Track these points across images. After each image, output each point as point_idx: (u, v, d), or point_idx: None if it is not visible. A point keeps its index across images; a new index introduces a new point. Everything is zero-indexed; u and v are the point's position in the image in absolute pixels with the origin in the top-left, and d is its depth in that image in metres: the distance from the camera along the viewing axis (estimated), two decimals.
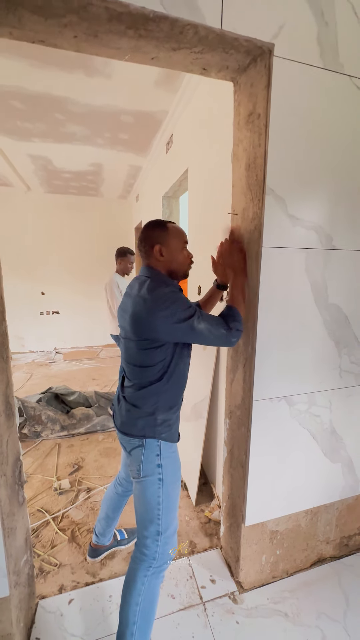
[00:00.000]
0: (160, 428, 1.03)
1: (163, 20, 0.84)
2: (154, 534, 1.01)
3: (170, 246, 1.05)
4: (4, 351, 1.04)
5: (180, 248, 1.07)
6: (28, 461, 2.29)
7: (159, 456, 1.02)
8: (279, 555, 1.38)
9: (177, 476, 1.07)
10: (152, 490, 1.01)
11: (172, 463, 1.05)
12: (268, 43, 0.92)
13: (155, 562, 1.01)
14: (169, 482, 1.03)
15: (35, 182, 4.25)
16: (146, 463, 1.02)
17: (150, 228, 1.07)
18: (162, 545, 1.02)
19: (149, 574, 1.01)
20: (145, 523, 1.03)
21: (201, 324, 0.95)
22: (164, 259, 1.05)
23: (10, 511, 1.03)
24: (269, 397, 1.17)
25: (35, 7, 0.81)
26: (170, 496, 1.03)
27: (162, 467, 1.02)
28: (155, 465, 1.02)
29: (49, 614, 1.25)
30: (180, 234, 1.08)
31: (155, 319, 0.93)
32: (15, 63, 1.79)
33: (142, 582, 1.00)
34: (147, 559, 1.01)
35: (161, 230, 1.05)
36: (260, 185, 1.03)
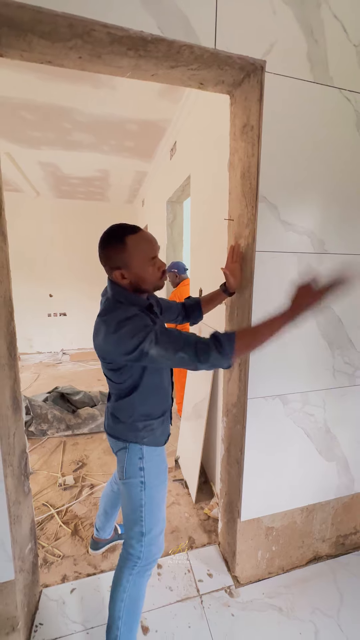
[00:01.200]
0: (143, 433, 1.03)
1: (160, 42, 0.91)
2: (138, 534, 1.03)
3: (132, 266, 0.91)
4: (12, 349, 1.11)
5: (145, 264, 0.92)
6: (34, 458, 2.36)
7: (141, 459, 1.02)
8: (274, 551, 1.42)
9: (161, 479, 1.07)
10: (135, 493, 1.02)
11: (156, 466, 1.05)
12: (260, 60, 0.98)
13: (140, 561, 1.03)
14: (151, 485, 1.03)
15: (45, 187, 4.38)
16: (129, 465, 1.03)
17: (105, 247, 0.92)
18: (146, 546, 1.03)
19: (134, 572, 1.03)
20: (130, 524, 1.04)
21: (153, 349, 0.82)
22: (130, 279, 0.93)
23: (17, 500, 1.10)
24: (263, 396, 1.21)
25: (44, 32, 0.88)
26: (153, 499, 1.03)
27: (144, 470, 1.02)
28: (137, 468, 1.02)
29: (52, 602, 1.31)
30: (144, 245, 0.91)
31: (108, 346, 0.88)
32: (25, 77, 1.89)
33: (127, 580, 1.02)
34: (132, 559, 1.03)
35: (118, 250, 0.90)
36: (254, 192, 1.08)
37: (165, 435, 1.11)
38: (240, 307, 1.22)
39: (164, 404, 1.09)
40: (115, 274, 0.93)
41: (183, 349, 0.83)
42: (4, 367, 1.03)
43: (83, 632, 1.19)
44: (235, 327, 1.27)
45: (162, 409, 1.08)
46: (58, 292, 5.31)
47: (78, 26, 0.85)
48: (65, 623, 1.22)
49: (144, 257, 0.92)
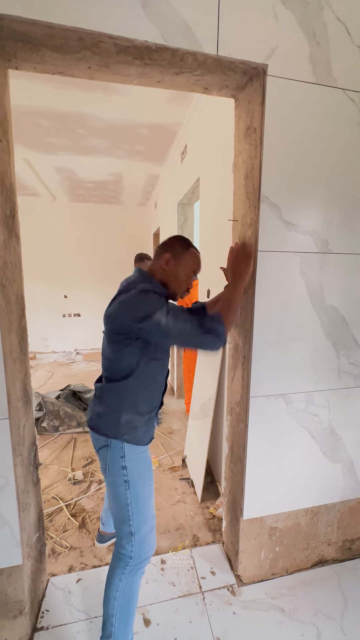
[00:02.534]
0: (123, 429, 1.02)
1: (165, 50, 0.94)
2: (127, 534, 1.03)
3: (180, 264, 1.07)
4: (23, 344, 1.17)
5: (187, 272, 1.09)
6: (46, 453, 2.44)
7: (123, 458, 1.01)
8: (278, 552, 1.41)
9: (145, 476, 1.06)
10: (120, 492, 1.02)
11: (139, 464, 1.05)
12: (262, 64, 1.00)
13: (132, 560, 1.03)
14: (135, 483, 1.02)
15: (60, 192, 4.52)
16: (112, 464, 1.02)
17: (175, 239, 1.11)
18: (137, 545, 1.03)
19: (127, 572, 1.03)
20: (118, 524, 1.05)
21: (168, 320, 0.91)
22: (167, 270, 1.07)
23: (25, 488, 1.15)
24: (266, 395, 1.22)
25: (55, 46, 0.94)
26: (139, 497, 1.03)
27: (127, 468, 1.02)
28: (120, 467, 1.01)
29: (58, 590, 1.35)
30: (196, 262, 1.11)
31: (123, 309, 0.95)
32: (42, 86, 1.98)
33: (120, 579, 1.03)
34: (124, 558, 1.03)
35: (182, 247, 1.09)
36: (257, 193, 1.10)
37: (147, 436, 1.10)
38: (243, 307, 1.24)
39: (153, 401, 1.09)
40: (165, 255, 1.07)
41: (193, 322, 0.94)
42: (15, 361, 1.08)
43: (87, 620, 1.23)
44: (239, 328, 1.29)
45: (150, 406, 1.08)
46: (73, 293, 5.45)
47: (87, 39, 0.90)
48: (70, 611, 1.27)
49: (191, 266, 1.10)
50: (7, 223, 1.04)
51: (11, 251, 1.07)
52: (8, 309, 1.03)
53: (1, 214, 1.00)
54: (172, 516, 1.80)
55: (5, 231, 1.02)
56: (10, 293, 1.05)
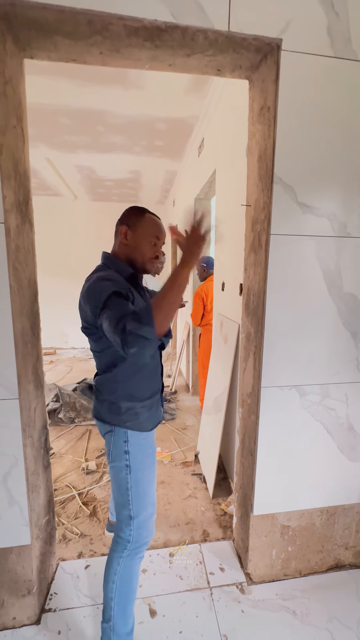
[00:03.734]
0: (125, 416, 1.01)
1: (174, 29, 0.93)
2: (126, 518, 1.03)
3: (138, 232, 1.01)
4: (35, 329, 1.19)
5: (148, 239, 1.02)
6: (62, 443, 2.49)
7: (126, 442, 1.02)
8: (290, 552, 1.35)
9: (147, 463, 1.05)
10: (121, 476, 1.02)
11: (142, 450, 1.04)
12: (276, 39, 0.96)
13: (130, 544, 1.03)
14: (137, 469, 1.02)
15: (81, 191, 4.63)
16: (115, 449, 1.02)
17: (129, 210, 1.04)
18: (135, 530, 1.03)
19: (124, 555, 1.03)
20: (119, 508, 1.05)
21: (104, 317, 0.82)
22: (128, 244, 1.02)
23: (35, 470, 1.17)
24: (278, 385, 1.17)
25: (67, 32, 0.95)
26: (140, 482, 1.03)
27: (129, 453, 1.02)
28: (122, 452, 1.02)
29: (67, 575, 1.36)
30: (155, 226, 1.03)
31: (83, 301, 0.93)
32: (62, 84, 2.03)
33: (118, 562, 1.03)
34: (122, 542, 1.04)
35: (136, 216, 1.02)
36: (270, 174, 1.06)
37: (152, 421, 1.08)
38: (256, 294, 1.20)
39: (150, 386, 1.06)
40: (121, 227, 1.02)
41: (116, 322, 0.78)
42: (27, 345, 1.11)
43: (93, 606, 1.23)
44: (252, 316, 1.25)
45: (148, 392, 1.06)
46: None
47: (97, 22, 0.91)
48: (77, 596, 1.27)
49: (150, 232, 1.03)
50: (20, 209, 1.06)
51: (24, 236, 1.09)
52: (20, 293, 1.06)
53: (15, 200, 1.02)
54: (182, 510, 1.77)
55: (18, 216, 1.04)
56: (23, 277, 1.08)
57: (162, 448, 2.39)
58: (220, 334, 2.08)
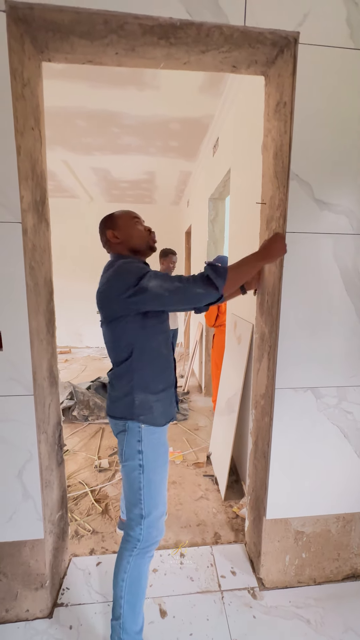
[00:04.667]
0: (139, 410, 1.02)
1: (189, 26, 0.93)
2: (137, 517, 1.04)
3: (120, 226, 1.08)
4: (51, 326, 1.21)
5: (131, 224, 1.09)
6: (75, 440, 2.52)
7: (140, 442, 1.02)
8: (304, 559, 1.31)
9: (159, 462, 1.06)
10: (133, 475, 1.03)
11: (155, 449, 1.05)
12: (293, 32, 0.94)
13: (140, 543, 1.03)
14: (150, 468, 1.03)
15: (97, 192, 4.70)
16: (128, 448, 1.03)
17: (101, 224, 1.13)
18: (145, 529, 1.03)
19: (134, 554, 1.04)
20: (130, 506, 1.05)
21: (152, 282, 0.91)
22: (121, 240, 1.08)
23: (49, 466, 1.19)
24: (293, 387, 1.15)
25: (83, 32, 0.96)
26: (152, 482, 1.03)
27: (142, 453, 1.02)
28: (136, 451, 1.02)
29: (79, 570, 1.38)
30: (126, 212, 1.11)
31: (109, 287, 0.97)
32: (78, 86, 2.06)
33: (128, 561, 1.03)
34: (132, 540, 1.04)
35: (107, 219, 1.11)
36: (286, 171, 1.03)
37: (165, 416, 1.08)
38: (270, 293, 1.17)
39: (164, 379, 1.07)
40: (107, 233, 1.09)
41: (179, 279, 0.93)
42: (42, 342, 1.13)
43: (104, 603, 1.24)
44: (266, 315, 1.23)
45: (162, 384, 1.06)
46: None
47: (112, 21, 0.91)
48: (89, 592, 1.28)
49: (128, 219, 1.10)
50: (37, 208, 1.08)
51: (40, 235, 1.11)
52: (36, 291, 1.08)
53: (32, 200, 1.04)
54: (194, 511, 1.76)
55: (35, 216, 1.07)
56: (39, 276, 1.10)
57: (174, 448, 2.39)
58: (234, 334, 2.06)
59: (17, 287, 0.99)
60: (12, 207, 0.94)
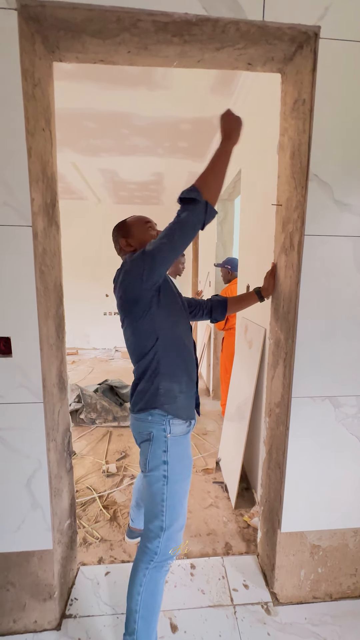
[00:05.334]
0: (163, 398, 1.01)
1: (205, 22, 0.89)
2: (157, 529, 1.01)
3: (132, 234, 1.10)
4: (60, 332, 1.19)
5: (143, 230, 1.10)
6: (83, 444, 2.50)
7: (165, 452, 1.00)
8: (320, 573, 1.27)
9: (184, 474, 1.04)
10: (157, 486, 1.00)
11: (180, 460, 1.03)
12: (313, 26, 0.90)
13: (157, 556, 1.00)
14: (174, 480, 1.00)
15: (105, 194, 4.70)
16: (152, 458, 1.01)
17: (114, 232, 1.14)
18: (164, 542, 1.00)
19: (150, 567, 1.01)
20: (150, 517, 1.02)
21: (150, 245, 0.95)
22: (134, 247, 1.10)
23: (58, 474, 1.16)
24: (310, 395, 1.10)
25: (95, 31, 0.94)
26: (175, 494, 1.01)
27: (167, 464, 1.00)
28: (161, 462, 1.00)
29: (88, 580, 1.35)
30: (138, 219, 1.12)
31: (129, 278, 0.98)
32: (87, 87, 2.04)
33: (144, 574, 1.00)
34: (150, 553, 1.01)
35: (120, 227, 1.12)
36: (304, 172, 0.99)
37: (187, 411, 1.07)
38: (287, 298, 1.13)
39: (187, 368, 1.06)
40: (121, 242, 1.11)
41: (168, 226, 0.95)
42: (52, 347, 1.10)
43: (113, 615, 1.21)
44: (282, 321, 1.18)
45: (186, 374, 1.05)
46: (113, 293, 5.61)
47: (125, 19, 0.89)
48: (97, 603, 1.25)
49: (140, 225, 1.11)
50: (47, 211, 1.06)
51: (51, 239, 1.09)
52: (46, 295, 1.05)
53: (42, 202, 1.02)
54: (203, 520, 1.72)
55: (45, 219, 1.04)
56: (49, 280, 1.08)
57: None
58: (244, 339, 2.01)
59: (27, 291, 0.97)
60: (23, 210, 0.92)
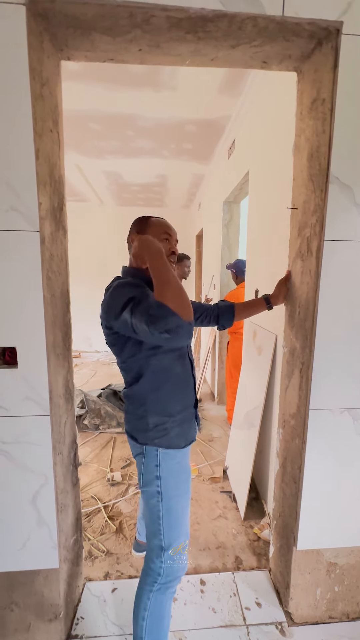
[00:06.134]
0: (153, 433, 0.94)
1: (221, 18, 0.85)
2: (157, 548, 0.95)
3: (148, 234, 0.98)
4: (67, 340, 1.15)
5: (159, 238, 0.99)
6: (86, 450, 2.46)
7: (157, 467, 0.94)
8: (337, 592, 1.21)
9: (181, 489, 0.98)
10: (152, 503, 0.95)
11: (174, 475, 0.96)
12: (335, 22, 0.86)
13: (161, 578, 0.94)
14: (169, 496, 0.94)
15: (108, 196, 4.67)
16: (145, 473, 0.96)
17: (134, 223, 1.03)
18: (166, 562, 0.94)
19: (155, 589, 0.94)
20: (150, 535, 0.98)
21: (132, 315, 0.79)
22: None
23: (64, 489, 1.11)
24: (329, 408, 1.05)
25: (105, 28, 0.90)
26: (172, 511, 0.95)
27: (160, 479, 0.94)
28: (153, 477, 0.94)
29: (94, 597, 1.30)
30: (161, 225, 1.01)
31: (106, 312, 0.89)
32: (92, 88, 2.01)
33: (148, 597, 0.94)
34: (153, 574, 0.95)
35: (143, 223, 1.01)
36: (324, 174, 0.95)
37: (184, 438, 1.00)
38: (304, 305, 1.08)
39: (181, 400, 0.98)
40: (133, 236, 0.99)
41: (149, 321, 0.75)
42: (59, 357, 1.06)
43: (121, 636, 1.15)
44: (297, 328, 1.14)
45: (179, 405, 0.97)
46: None
47: (137, 14, 0.85)
48: (104, 622, 1.20)
49: (159, 232, 1.00)
50: (55, 215, 1.02)
51: (58, 244, 1.05)
52: (53, 303, 1.01)
53: (50, 206, 0.98)
54: (212, 532, 1.67)
55: (52, 223, 1.00)
56: (56, 287, 1.03)
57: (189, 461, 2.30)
58: (253, 344, 1.96)
59: (33, 299, 0.93)
60: (30, 215, 0.87)
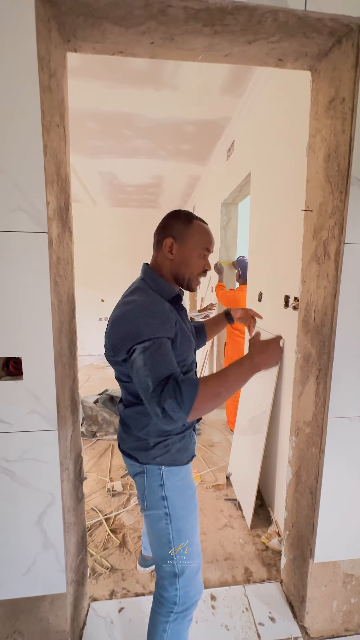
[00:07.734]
0: (154, 452, 0.88)
1: (241, 11, 0.82)
2: (170, 575, 0.88)
3: (186, 245, 0.87)
4: (73, 348, 1.08)
5: (197, 252, 0.88)
6: (85, 459, 2.37)
7: (162, 487, 0.88)
8: (354, 604, 1.18)
9: (189, 508, 0.92)
10: (160, 527, 0.88)
11: (181, 493, 0.90)
12: (358, 18, 0.83)
13: (177, 607, 0.88)
14: (178, 516, 0.88)
15: (101, 197, 4.59)
16: (149, 494, 0.89)
17: (174, 217, 0.89)
18: (181, 589, 0.87)
19: (171, 620, 0.88)
20: (159, 562, 0.90)
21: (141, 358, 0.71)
22: (174, 259, 0.88)
23: (71, 506, 1.05)
24: (348, 416, 1.02)
25: (118, 18, 0.85)
26: (182, 532, 0.89)
27: (167, 499, 0.88)
28: (159, 497, 0.88)
29: (100, 619, 1.23)
30: (206, 236, 0.89)
31: (116, 331, 0.79)
32: (91, 85, 1.94)
33: (164, 628, 0.88)
34: (167, 604, 0.88)
35: (184, 224, 0.87)
36: (344, 175, 0.92)
37: (186, 453, 0.94)
38: (320, 310, 1.05)
39: None
40: (166, 241, 0.88)
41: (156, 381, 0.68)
42: (65, 366, 0.99)
43: None
44: (312, 333, 1.11)
45: (182, 427, 0.92)
46: (109, 297, 5.49)
47: (154, 4, 0.80)
48: None
49: (200, 243, 0.89)
50: (61, 216, 0.96)
51: (64, 246, 0.99)
52: (60, 309, 0.95)
53: (56, 206, 0.92)
54: (219, 543, 1.62)
55: (59, 224, 0.94)
56: (62, 292, 0.97)
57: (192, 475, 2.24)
58: None
59: (40, 305, 0.86)
60: (38, 215, 0.81)
